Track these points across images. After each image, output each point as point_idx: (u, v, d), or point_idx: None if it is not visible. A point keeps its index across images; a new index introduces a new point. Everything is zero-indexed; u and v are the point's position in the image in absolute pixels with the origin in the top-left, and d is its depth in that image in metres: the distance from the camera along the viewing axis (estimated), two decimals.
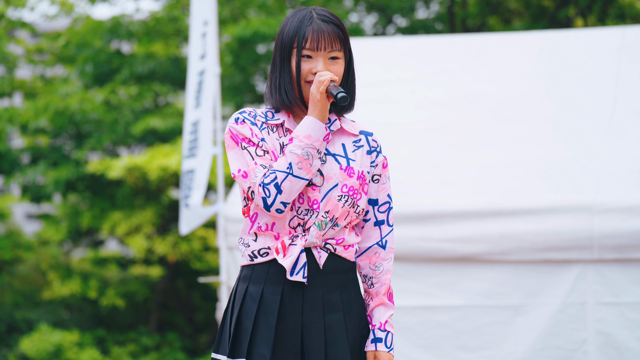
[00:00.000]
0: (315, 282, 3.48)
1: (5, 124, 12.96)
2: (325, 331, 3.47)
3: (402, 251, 6.05)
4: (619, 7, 13.49)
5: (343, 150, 3.54)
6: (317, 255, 3.49)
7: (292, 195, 3.39)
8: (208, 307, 14.40)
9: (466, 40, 7.49)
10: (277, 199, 3.39)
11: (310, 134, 3.41)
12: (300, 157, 3.39)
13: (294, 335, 3.46)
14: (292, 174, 3.39)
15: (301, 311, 3.47)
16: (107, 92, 12.86)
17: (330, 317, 3.48)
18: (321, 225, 3.47)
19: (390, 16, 14.90)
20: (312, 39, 3.46)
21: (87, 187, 13.49)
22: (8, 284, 14.75)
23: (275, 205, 3.39)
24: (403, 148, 6.53)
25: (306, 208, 3.47)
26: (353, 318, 3.54)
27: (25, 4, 13.79)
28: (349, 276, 3.55)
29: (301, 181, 3.39)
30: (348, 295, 3.54)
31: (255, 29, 12.23)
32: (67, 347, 12.65)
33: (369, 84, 6.86)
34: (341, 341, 3.47)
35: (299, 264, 3.46)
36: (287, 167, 3.39)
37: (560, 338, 5.86)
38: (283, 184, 3.38)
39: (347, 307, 3.52)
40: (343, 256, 3.53)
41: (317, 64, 3.47)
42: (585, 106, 6.56)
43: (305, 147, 3.40)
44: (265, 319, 3.47)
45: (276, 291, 3.48)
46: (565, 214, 5.86)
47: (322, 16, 3.49)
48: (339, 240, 3.51)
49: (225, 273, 6.52)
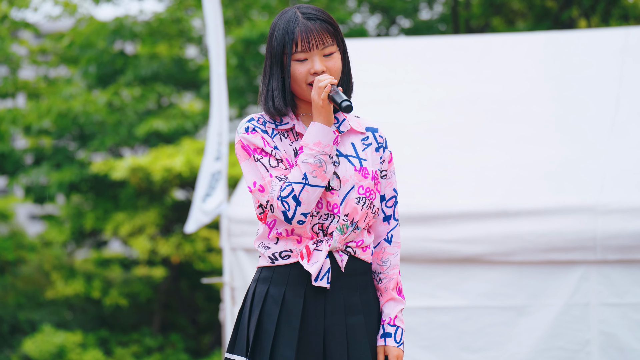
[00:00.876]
0: (337, 285, 3.46)
1: (8, 125, 12.97)
2: (347, 334, 3.46)
3: (406, 252, 6.04)
4: (622, 7, 13.49)
5: (354, 150, 3.51)
6: (339, 259, 3.47)
7: (311, 204, 3.37)
8: (211, 308, 14.41)
9: (469, 41, 7.49)
10: (297, 210, 3.36)
11: (320, 141, 3.37)
12: (313, 166, 3.35)
13: (317, 338, 3.44)
14: (308, 183, 3.35)
15: (323, 314, 3.45)
16: (111, 94, 12.88)
17: (351, 319, 3.47)
18: (343, 229, 3.45)
19: (394, 17, 14.90)
20: (302, 40, 3.40)
21: (90, 188, 13.51)
22: (11, 284, 14.76)
23: (296, 218, 3.37)
24: (406, 149, 6.52)
25: (326, 212, 3.44)
26: (372, 320, 3.53)
27: (28, 5, 13.81)
28: (367, 278, 3.54)
29: (318, 189, 3.37)
30: (367, 297, 3.53)
31: (262, 30, 12.24)
32: (70, 348, 12.66)
33: (372, 84, 6.86)
34: (363, 343, 3.47)
35: (323, 270, 3.44)
36: (302, 177, 3.35)
37: (564, 339, 5.86)
38: (301, 196, 3.35)
39: (367, 309, 3.52)
40: (362, 258, 3.51)
41: (313, 64, 3.42)
42: (588, 107, 6.55)
43: (317, 154, 3.36)
44: (288, 321, 3.44)
45: (299, 294, 3.45)
46: (568, 214, 5.86)
47: (307, 14, 3.43)
48: (358, 243, 3.50)
49: (229, 274, 6.52)
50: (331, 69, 3.44)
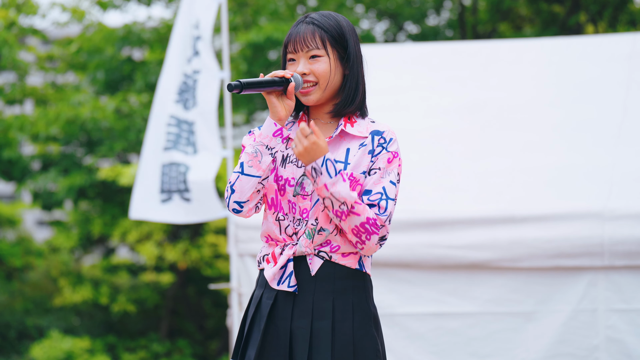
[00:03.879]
0: (307, 289, 3.51)
1: (16, 132, 13.00)
2: (312, 338, 3.49)
3: (413, 258, 6.05)
4: (629, 13, 13.48)
5: (345, 155, 3.53)
6: (310, 263, 3.51)
7: (245, 193, 3.48)
8: (219, 314, 14.42)
9: (476, 47, 7.49)
10: (231, 198, 3.50)
11: (262, 132, 3.49)
12: (250, 156, 3.47)
13: (284, 340, 3.50)
14: (243, 172, 3.47)
15: (291, 317, 3.51)
16: (119, 101, 12.89)
17: (318, 324, 3.50)
18: (310, 234, 3.50)
19: (401, 23, 14.91)
20: (292, 41, 3.53)
21: (98, 194, 13.52)
22: (19, 290, 14.79)
23: (230, 205, 3.51)
24: (413, 155, 6.52)
25: (298, 217, 3.51)
26: (345, 326, 3.50)
27: (36, 12, 13.83)
28: (348, 283, 3.53)
29: (252, 179, 3.47)
30: (344, 302, 3.51)
31: (268, 35, 12.25)
32: (78, 354, 12.67)
33: (379, 90, 6.86)
34: (325, 349, 3.47)
35: (285, 274, 3.51)
36: (239, 167, 3.48)
37: (572, 345, 5.85)
38: (235, 184, 3.48)
39: (341, 314, 3.51)
40: (341, 263, 3.52)
41: (299, 65, 3.53)
42: (595, 113, 6.55)
43: (255, 145, 3.48)
44: (258, 323, 3.54)
45: (271, 296, 3.54)
46: (575, 220, 5.85)
47: (310, 19, 3.54)
48: (334, 248, 3.51)
49: (236, 280, 6.53)
50: (315, 72, 3.52)
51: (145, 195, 6.91)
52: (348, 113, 3.57)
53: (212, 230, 13.30)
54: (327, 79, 3.52)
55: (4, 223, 15.14)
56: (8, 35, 13.33)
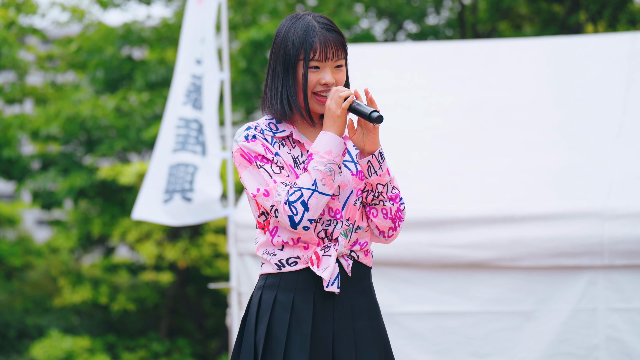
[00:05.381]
0: (344, 290, 3.50)
1: (16, 130, 13.00)
2: (355, 338, 3.49)
3: (413, 257, 6.05)
4: (629, 12, 13.49)
5: (349, 155, 3.55)
6: (345, 264, 3.50)
7: (318, 211, 3.39)
8: (218, 313, 14.42)
9: (476, 47, 7.49)
10: (304, 216, 3.38)
11: (331, 150, 3.40)
12: (323, 174, 3.38)
13: (326, 343, 3.46)
14: (317, 190, 3.38)
15: (332, 319, 3.48)
16: (119, 99, 12.89)
17: (358, 323, 3.50)
18: (347, 234, 3.49)
19: (401, 22, 14.92)
20: (321, 50, 3.44)
21: (97, 193, 13.52)
22: (19, 290, 14.80)
23: (302, 223, 3.38)
24: (414, 154, 6.53)
25: (328, 219, 3.47)
26: (378, 323, 3.55)
27: (36, 11, 13.84)
28: (368, 282, 3.58)
29: (325, 197, 3.39)
30: (370, 300, 3.56)
31: (269, 32, 12.26)
32: (78, 353, 12.67)
33: (380, 90, 6.83)
34: (370, 346, 3.50)
35: (333, 275, 3.46)
36: (312, 184, 3.37)
37: (571, 344, 5.85)
38: (309, 201, 3.37)
39: (372, 312, 3.55)
40: (363, 262, 3.55)
41: (324, 75, 3.46)
42: (595, 112, 6.55)
43: (328, 163, 3.39)
44: (299, 327, 3.45)
45: (308, 299, 3.46)
46: (575, 220, 5.85)
47: (324, 25, 3.47)
48: (363, 245, 3.53)
49: (236, 279, 6.53)
50: (339, 82, 3.49)
51: (150, 196, 6.93)
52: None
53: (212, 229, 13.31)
54: (344, 86, 3.53)
55: (4, 222, 15.15)
56: (8, 35, 13.34)
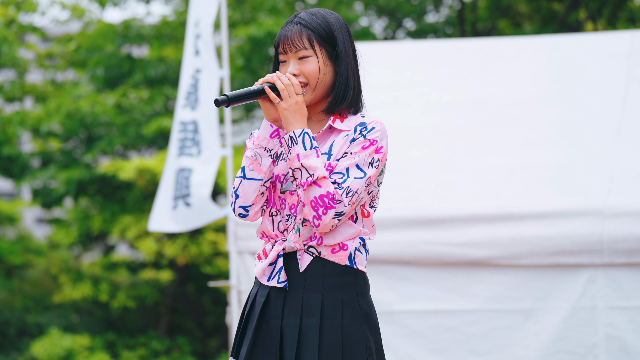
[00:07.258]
0: (297, 286, 3.52)
1: (16, 126, 13.00)
2: (300, 335, 3.49)
3: (412, 255, 6.05)
4: (629, 10, 13.48)
5: (329, 147, 3.52)
6: (299, 259, 3.52)
7: (249, 197, 3.51)
8: (218, 311, 14.41)
9: (476, 45, 7.49)
10: (236, 203, 3.54)
11: (259, 135, 3.52)
12: (250, 159, 3.50)
13: (275, 337, 3.51)
14: (245, 177, 3.50)
15: (282, 314, 3.52)
16: (119, 96, 12.89)
17: (307, 321, 3.50)
18: (299, 229, 3.50)
19: (400, 20, 14.91)
20: (281, 43, 3.53)
21: (97, 190, 13.52)
22: (18, 288, 14.79)
23: (236, 210, 3.55)
24: (413, 152, 6.53)
25: (287, 213, 3.53)
26: (334, 323, 3.49)
27: (36, 9, 13.83)
28: (338, 280, 3.51)
29: (254, 182, 3.50)
30: (333, 299, 3.50)
31: (269, 29, 12.24)
32: (78, 351, 12.67)
33: (379, 87, 6.86)
34: (312, 346, 3.47)
35: (275, 269, 3.52)
36: (241, 171, 3.51)
37: (571, 342, 5.86)
38: (239, 189, 3.51)
39: (330, 312, 3.49)
40: (331, 260, 3.51)
41: (289, 67, 3.53)
42: (595, 110, 6.55)
43: (254, 148, 3.51)
44: (251, 320, 3.57)
45: (264, 294, 3.56)
46: (575, 218, 5.85)
47: (298, 19, 3.53)
48: (318, 240, 3.49)
49: (235, 277, 6.53)
50: (304, 72, 3.51)
51: (162, 206, 6.97)
52: (341, 110, 3.55)
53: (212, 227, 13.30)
54: (316, 79, 3.51)
55: (4, 220, 15.14)
56: (7, 33, 13.32)
